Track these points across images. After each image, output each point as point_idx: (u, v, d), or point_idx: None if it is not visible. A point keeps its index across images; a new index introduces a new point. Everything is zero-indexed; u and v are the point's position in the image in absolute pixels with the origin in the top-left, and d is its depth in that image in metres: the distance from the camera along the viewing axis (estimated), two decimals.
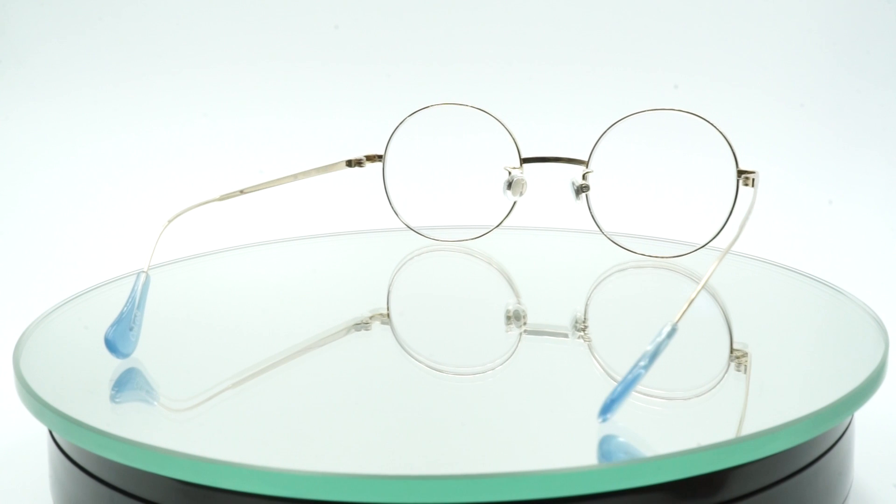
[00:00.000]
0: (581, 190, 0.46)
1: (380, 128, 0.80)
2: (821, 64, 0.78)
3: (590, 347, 0.41)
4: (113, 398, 0.37)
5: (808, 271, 0.46)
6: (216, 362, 0.40)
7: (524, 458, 0.32)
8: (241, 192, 0.48)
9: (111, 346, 0.40)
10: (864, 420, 0.40)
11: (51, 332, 0.42)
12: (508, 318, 0.43)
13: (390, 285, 0.48)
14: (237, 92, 0.81)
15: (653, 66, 0.80)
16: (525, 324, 0.42)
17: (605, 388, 0.37)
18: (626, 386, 0.33)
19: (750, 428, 0.34)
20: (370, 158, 0.52)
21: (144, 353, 0.40)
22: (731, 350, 0.39)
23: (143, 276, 0.43)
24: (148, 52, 0.81)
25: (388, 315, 0.44)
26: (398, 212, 0.51)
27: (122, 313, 0.41)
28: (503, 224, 0.49)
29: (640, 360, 0.33)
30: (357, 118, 0.81)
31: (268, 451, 0.33)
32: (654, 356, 0.34)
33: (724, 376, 0.38)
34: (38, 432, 0.40)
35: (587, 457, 0.31)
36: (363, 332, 0.42)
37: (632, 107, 0.80)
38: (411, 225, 0.51)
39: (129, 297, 0.42)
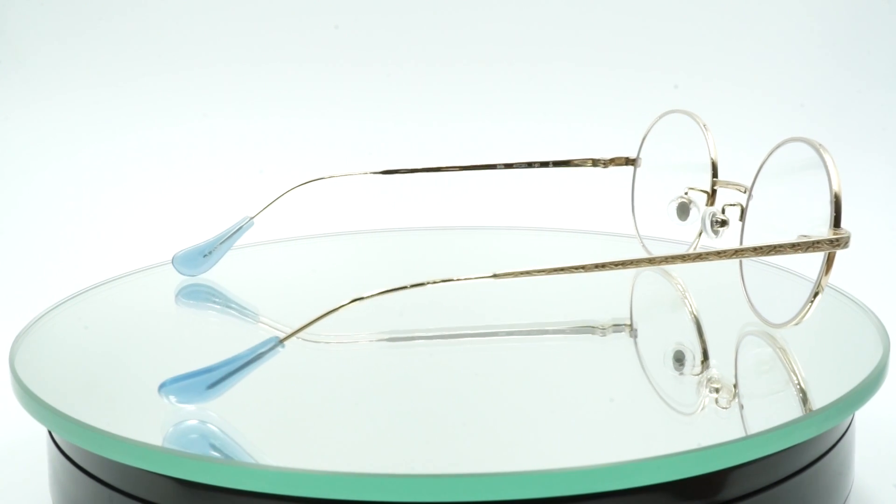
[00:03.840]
0: (717, 224, 0.43)
1: (380, 127, 0.81)
2: (821, 64, 0.78)
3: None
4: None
5: (808, 271, 0.46)
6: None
7: (524, 458, 0.32)
8: (444, 169, 0.49)
9: (174, 262, 0.46)
10: (864, 420, 0.40)
11: (50, 331, 0.42)
12: (677, 360, 0.41)
13: (631, 298, 0.48)
14: (237, 92, 0.81)
15: (653, 66, 0.80)
16: (682, 366, 0.40)
17: (612, 393, 0.37)
18: (193, 374, 0.33)
19: (749, 428, 0.34)
20: (616, 161, 0.51)
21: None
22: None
23: (246, 220, 0.47)
24: (148, 53, 0.81)
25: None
26: (637, 219, 0.50)
27: (207, 240, 0.46)
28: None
29: (230, 359, 0.33)
30: (357, 118, 0.81)
31: (268, 449, 0.33)
32: (238, 360, 0.33)
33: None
34: (38, 432, 0.40)
35: (587, 457, 0.31)
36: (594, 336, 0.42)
37: (632, 106, 0.80)
38: (641, 234, 0.51)
39: (225, 230, 0.47)
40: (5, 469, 0.44)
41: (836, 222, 0.37)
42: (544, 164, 0.50)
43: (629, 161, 0.50)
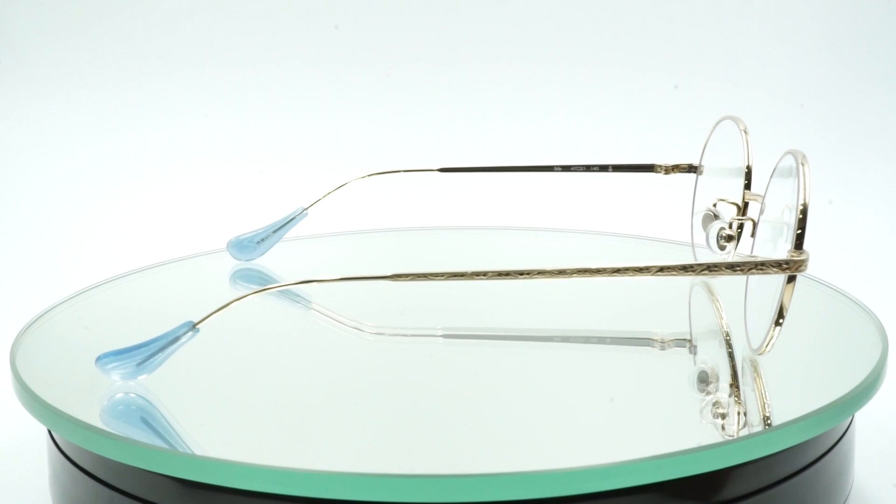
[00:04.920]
0: (724, 239, 0.42)
1: (381, 127, 0.81)
2: (821, 64, 0.78)
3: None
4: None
5: (808, 271, 0.46)
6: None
7: (524, 459, 0.32)
8: (504, 169, 0.51)
9: (228, 247, 0.49)
10: (864, 420, 0.40)
11: (50, 331, 0.42)
12: (702, 380, 0.40)
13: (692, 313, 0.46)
14: (237, 92, 0.81)
15: (653, 66, 0.80)
16: (708, 385, 0.38)
17: (611, 393, 0.37)
18: (129, 349, 0.35)
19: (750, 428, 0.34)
20: (679, 168, 0.48)
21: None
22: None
23: (300, 210, 0.49)
24: (148, 53, 0.81)
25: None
26: (694, 228, 0.48)
27: (260, 228, 0.49)
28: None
29: (153, 339, 0.35)
30: (357, 118, 0.81)
31: (268, 449, 0.33)
32: (158, 342, 0.35)
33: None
34: (38, 432, 0.40)
35: (587, 457, 0.31)
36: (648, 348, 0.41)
37: (632, 107, 0.80)
38: (696, 243, 0.48)
39: (279, 220, 0.49)
40: (5, 469, 0.44)
41: (798, 243, 0.34)
42: (603, 168, 0.48)
43: (692, 168, 0.48)
